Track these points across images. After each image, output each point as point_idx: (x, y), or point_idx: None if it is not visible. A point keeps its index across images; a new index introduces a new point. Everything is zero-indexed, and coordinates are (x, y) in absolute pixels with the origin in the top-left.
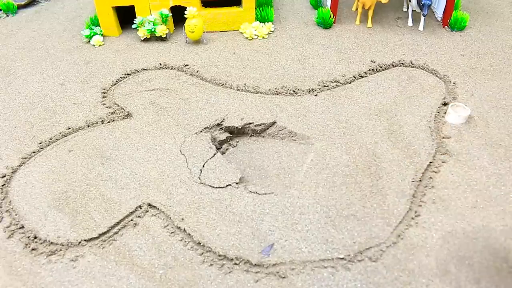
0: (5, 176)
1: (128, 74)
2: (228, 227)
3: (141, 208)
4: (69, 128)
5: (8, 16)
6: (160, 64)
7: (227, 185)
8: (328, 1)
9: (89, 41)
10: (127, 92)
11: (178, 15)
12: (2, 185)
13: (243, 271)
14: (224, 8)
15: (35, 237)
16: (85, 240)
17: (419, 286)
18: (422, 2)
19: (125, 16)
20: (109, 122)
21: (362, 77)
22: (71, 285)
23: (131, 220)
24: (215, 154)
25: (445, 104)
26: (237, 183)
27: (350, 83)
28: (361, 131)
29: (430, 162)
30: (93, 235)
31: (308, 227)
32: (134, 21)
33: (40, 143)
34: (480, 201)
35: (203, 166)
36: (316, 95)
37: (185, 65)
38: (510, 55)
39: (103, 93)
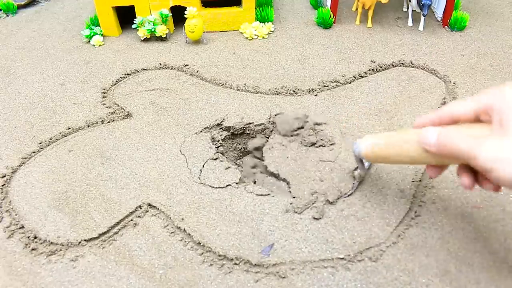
0: (5, 176)
1: (128, 74)
2: (228, 227)
3: (141, 208)
4: (69, 128)
5: (8, 16)
6: (160, 64)
7: (227, 185)
8: (328, 1)
9: (89, 41)
10: (127, 92)
11: (178, 15)
12: (2, 185)
13: (243, 271)
14: (224, 8)
15: (35, 237)
16: (85, 240)
17: (419, 286)
18: (422, 2)
19: (125, 16)
20: (109, 122)
21: (362, 77)
22: (71, 285)
23: (131, 220)
24: (215, 154)
25: (445, 104)
26: (237, 183)
27: (350, 83)
28: (361, 131)
29: None
30: (93, 235)
31: (308, 227)
32: (134, 21)
33: (40, 143)
34: (480, 201)
35: (203, 166)
36: (316, 95)
37: (185, 65)
38: (510, 55)
39: (103, 93)
